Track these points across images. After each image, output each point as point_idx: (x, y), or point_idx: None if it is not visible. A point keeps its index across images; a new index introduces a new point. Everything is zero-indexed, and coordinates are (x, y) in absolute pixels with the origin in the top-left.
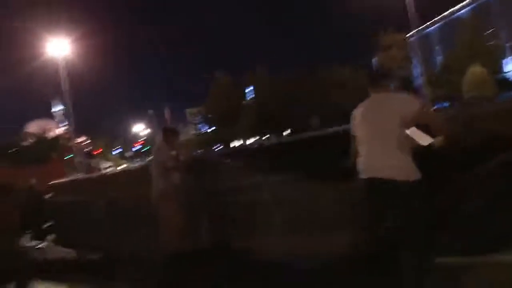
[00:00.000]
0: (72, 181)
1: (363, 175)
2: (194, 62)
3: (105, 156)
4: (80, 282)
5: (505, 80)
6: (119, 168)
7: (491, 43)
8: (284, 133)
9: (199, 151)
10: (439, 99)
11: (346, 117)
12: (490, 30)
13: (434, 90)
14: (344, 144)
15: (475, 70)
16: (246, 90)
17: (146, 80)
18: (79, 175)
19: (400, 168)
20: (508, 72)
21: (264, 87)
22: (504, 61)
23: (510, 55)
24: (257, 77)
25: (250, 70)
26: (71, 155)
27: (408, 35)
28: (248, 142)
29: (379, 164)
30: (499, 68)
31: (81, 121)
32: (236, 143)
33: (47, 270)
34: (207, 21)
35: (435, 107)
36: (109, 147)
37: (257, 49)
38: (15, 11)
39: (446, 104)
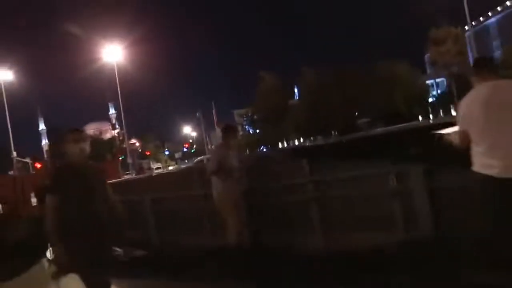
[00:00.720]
0: (125, 181)
1: (493, 172)
2: (243, 63)
3: (155, 157)
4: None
5: None
6: (169, 168)
7: None
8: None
9: (247, 152)
10: None
11: (397, 116)
12: None
13: None
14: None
15: None
16: (295, 90)
17: (195, 82)
18: (131, 175)
19: None
20: None
21: (311, 87)
22: None
23: None
24: (303, 76)
25: (298, 70)
26: (123, 156)
27: (465, 28)
28: (295, 143)
29: None
30: None
31: (133, 123)
32: (282, 144)
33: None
34: (256, 22)
35: None
36: (159, 148)
37: (305, 48)
38: (73, 19)
39: None
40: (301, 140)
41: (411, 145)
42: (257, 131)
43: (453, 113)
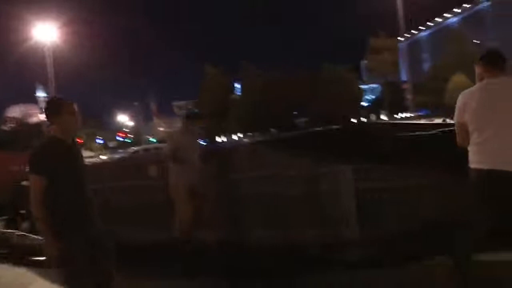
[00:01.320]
0: None
1: (485, 166)
2: (183, 56)
3: (87, 145)
4: None
5: None
6: (101, 158)
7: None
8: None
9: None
10: (422, 106)
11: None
12: (478, 41)
13: (419, 97)
14: None
15: (459, 79)
16: (236, 85)
17: (134, 71)
18: None
19: None
20: None
21: (252, 84)
22: None
23: None
24: (246, 72)
25: (240, 65)
26: None
27: (401, 39)
28: (234, 137)
29: None
30: None
31: None
32: (221, 139)
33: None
34: (199, 14)
35: (419, 114)
36: (92, 136)
37: (247, 46)
38: None
39: (426, 111)
40: (241, 135)
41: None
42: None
43: (383, 117)
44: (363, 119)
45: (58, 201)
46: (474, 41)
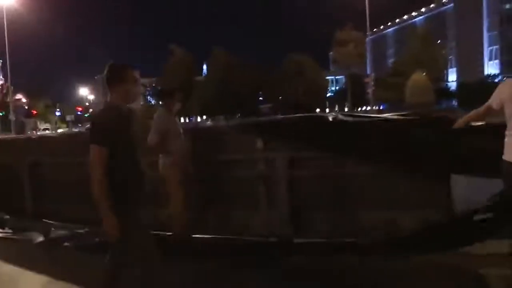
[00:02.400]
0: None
1: (506, 158)
2: (150, 32)
3: (44, 117)
4: None
5: (446, 89)
6: (58, 131)
7: (443, 52)
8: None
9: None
10: (382, 101)
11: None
12: (439, 41)
13: (380, 91)
14: None
15: (418, 77)
16: (203, 67)
17: (97, 43)
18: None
19: None
20: (451, 82)
21: (219, 67)
22: (450, 70)
23: (455, 66)
24: (214, 56)
25: (208, 48)
26: (3, 113)
27: (367, 33)
28: (199, 120)
29: None
30: (443, 77)
31: (21, 77)
32: (184, 120)
33: None
34: None
35: (378, 108)
36: (50, 108)
37: (216, 31)
38: None
39: (385, 105)
40: (204, 118)
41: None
42: (160, 103)
43: (346, 109)
44: (327, 110)
45: (117, 174)
46: (436, 40)
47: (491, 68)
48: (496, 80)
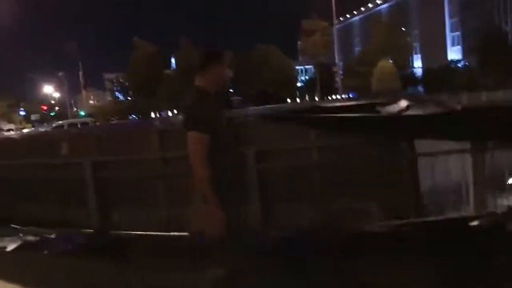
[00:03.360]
0: None
1: None
2: (114, 26)
3: (8, 117)
4: None
5: (412, 75)
6: (24, 131)
7: (407, 39)
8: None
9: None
10: (350, 89)
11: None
12: (403, 28)
13: (348, 80)
14: None
15: (384, 64)
16: (171, 60)
17: (60, 38)
18: None
19: None
20: (416, 68)
21: (187, 59)
22: (415, 57)
23: (420, 52)
24: (181, 48)
25: (175, 41)
26: None
27: (334, 22)
28: (169, 114)
29: None
30: (407, 64)
31: None
32: (155, 114)
33: None
34: None
35: (347, 97)
36: (14, 107)
37: (184, 22)
38: None
39: (353, 94)
40: (175, 111)
41: None
42: (129, 98)
43: (316, 98)
44: (297, 100)
45: (218, 166)
46: (400, 28)
47: (453, 53)
48: (459, 65)
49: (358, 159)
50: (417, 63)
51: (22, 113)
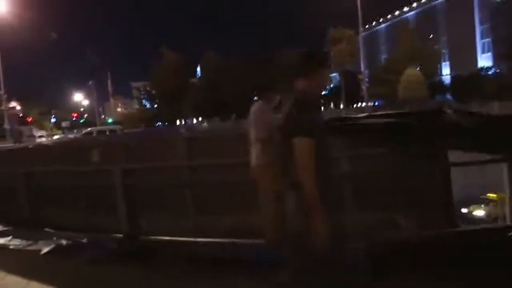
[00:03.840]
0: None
1: None
2: (142, 36)
3: (39, 124)
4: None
5: (440, 83)
6: (54, 137)
7: (435, 47)
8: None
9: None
10: (376, 97)
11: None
12: (431, 35)
13: (374, 88)
14: None
15: (411, 72)
16: (197, 69)
17: (90, 48)
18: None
19: None
20: (445, 75)
21: (213, 68)
22: (443, 64)
23: (448, 60)
24: (206, 57)
25: (201, 48)
26: None
27: (359, 30)
28: (194, 122)
29: None
30: (435, 72)
31: (15, 84)
32: (180, 122)
33: None
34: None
35: (373, 104)
36: (45, 115)
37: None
38: None
39: (379, 102)
40: (200, 119)
41: None
42: (155, 106)
43: (341, 106)
44: (322, 108)
45: (321, 170)
46: (428, 35)
47: (484, 61)
48: (490, 72)
49: (389, 169)
50: (446, 71)
51: (53, 120)
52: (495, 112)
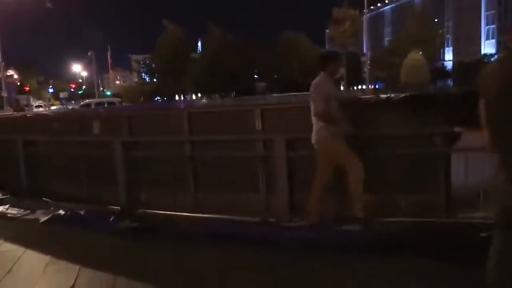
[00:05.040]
0: None
1: None
2: (143, 8)
3: (37, 93)
4: None
5: (443, 68)
6: (52, 108)
7: (440, 31)
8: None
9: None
10: (379, 79)
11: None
12: (436, 20)
13: (376, 70)
14: None
15: (414, 56)
16: (198, 44)
17: (90, 18)
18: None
19: None
20: (447, 61)
21: (215, 44)
22: (447, 49)
23: (452, 45)
24: (209, 33)
25: (203, 24)
26: None
27: (364, 11)
28: (193, 98)
29: None
30: (439, 57)
31: (12, 52)
32: (179, 97)
33: None
34: None
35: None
36: (43, 85)
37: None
38: None
39: (381, 84)
40: (199, 95)
41: None
42: (155, 80)
43: (342, 87)
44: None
45: None
46: (433, 19)
47: (488, 47)
48: (492, 60)
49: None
50: (448, 56)
51: (50, 90)
52: None
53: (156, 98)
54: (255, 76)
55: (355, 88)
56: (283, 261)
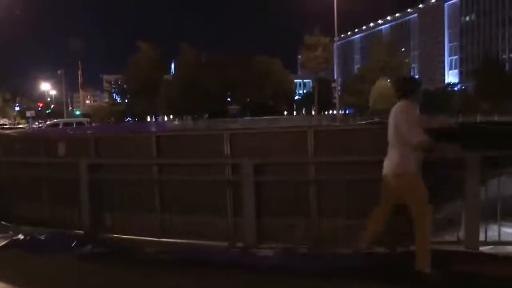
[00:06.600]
0: None
1: None
2: (117, 28)
3: (3, 111)
4: None
5: None
6: (19, 127)
7: (406, 60)
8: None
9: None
10: (348, 105)
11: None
12: (403, 49)
13: (346, 96)
14: None
15: (382, 84)
16: (171, 65)
17: (62, 37)
18: None
19: None
20: None
21: (188, 65)
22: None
23: (418, 74)
24: (181, 54)
25: (176, 46)
26: None
27: (334, 39)
28: (165, 119)
29: None
30: None
31: None
32: (151, 118)
33: None
34: None
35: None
36: (8, 102)
37: (185, 29)
38: None
39: (351, 110)
40: (171, 117)
41: None
42: (126, 101)
43: (313, 112)
44: (294, 113)
45: None
46: (400, 48)
47: (451, 77)
48: (456, 89)
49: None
50: None
51: (17, 108)
52: None
53: (127, 119)
54: (228, 99)
55: (325, 113)
56: (250, 286)
